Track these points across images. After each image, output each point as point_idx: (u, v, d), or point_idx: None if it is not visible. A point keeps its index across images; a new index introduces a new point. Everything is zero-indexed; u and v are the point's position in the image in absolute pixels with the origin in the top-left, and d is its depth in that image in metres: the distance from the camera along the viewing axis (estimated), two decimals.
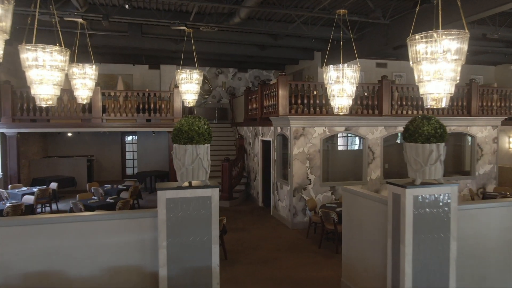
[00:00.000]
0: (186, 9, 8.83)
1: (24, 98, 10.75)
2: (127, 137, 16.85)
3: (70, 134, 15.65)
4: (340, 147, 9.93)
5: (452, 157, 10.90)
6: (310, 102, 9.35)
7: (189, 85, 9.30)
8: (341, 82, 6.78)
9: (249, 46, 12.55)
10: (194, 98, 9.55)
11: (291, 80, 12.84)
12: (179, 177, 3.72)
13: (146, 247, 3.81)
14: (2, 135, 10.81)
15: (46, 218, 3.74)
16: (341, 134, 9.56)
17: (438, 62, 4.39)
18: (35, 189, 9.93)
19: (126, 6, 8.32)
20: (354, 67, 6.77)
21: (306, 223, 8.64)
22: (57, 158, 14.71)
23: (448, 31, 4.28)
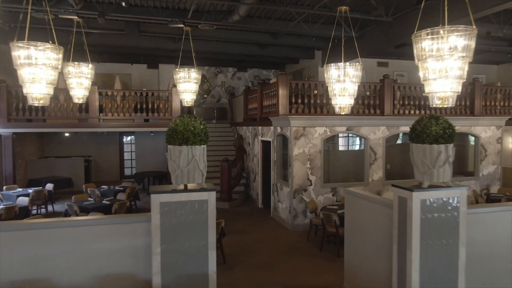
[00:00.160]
0: (184, 6, 8.65)
1: (19, 98, 10.55)
2: (125, 137, 16.67)
3: (67, 134, 15.46)
4: (341, 148, 9.74)
5: (455, 157, 10.65)
6: (311, 101, 9.17)
7: (187, 84, 9.11)
8: (342, 81, 6.60)
9: (248, 45, 12.37)
10: (193, 97, 9.37)
11: (291, 79, 12.64)
12: (174, 179, 3.53)
13: (139, 254, 3.62)
14: None
15: (33, 224, 3.55)
16: (342, 134, 9.38)
17: (445, 60, 4.21)
18: (31, 190, 9.75)
19: (123, 3, 8.13)
20: (356, 66, 6.60)
21: (307, 226, 8.46)
22: (54, 158, 14.53)
23: (455, 27, 4.10)
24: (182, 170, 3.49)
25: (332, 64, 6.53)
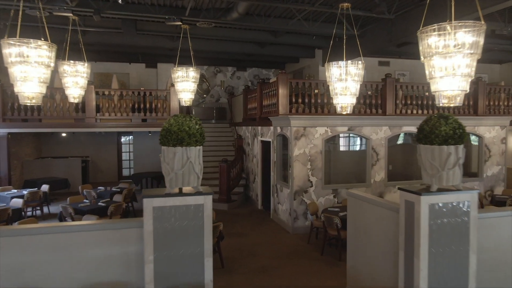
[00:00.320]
0: (182, 4, 8.45)
1: (15, 97, 10.33)
2: (124, 137, 16.47)
3: (64, 135, 15.27)
4: (342, 148, 9.54)
5: None
6: (311, 101, 8.97)
7: (185, 83, 8.93)
8: (344, 80, 6.41)
9: (248, 43, 12.19)
10: (191, 97, 9.18)
11: (291, 78, 12.44)
12: (168, 183, 3.34)
13: (131, 261, 3.42)
14: None
15: (18, 229, 3.35)
16: (343, 134, 9.18)
17: (452, 57, 4.03)
18: (25, 191, 9.55)
19: (119, 0, 7.94)
20: (358, 64, 6.42)
21: (307, 228, 8.26)
22: (51, 159, 14.33)
23: (463, 23, 3.91)
24: (177, 173, 3.29)
25: (333, 62, 6.34)
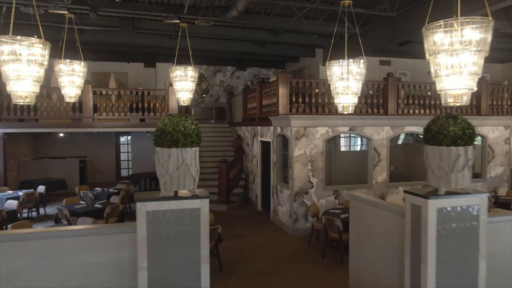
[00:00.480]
0: (180, 2, 8.28)
1: (10, 96, 10.17)
2: (122, 137, 16.30)
3: (61, 135, 15.11)
4: (343, 149, 9.38)
5: None
6: (312, 100, 8.81)
7: (184, 82, 8.77)
8: (346, 79, 6.26)
9: (247, 42, 12.03)
10: (189, 96, 9.03)
11: (292, 77, 12.28)
12: (162, 186, 3.18)
13: (124, 268, 3.26)
14: None
15: (5, 235, 3.19)
16: (345, 134, 9.01)
17: (459, 54, 3.87)
18: (21, 192, 9.39)
19: None
20: (360, 63, 6.26)
21: (308, 230, 8.10)
22: (48, 159, 14.18)
23: (470, 19, 3.75)
24: (172, 176, 3.13)
25: (334, 61, 6.19)
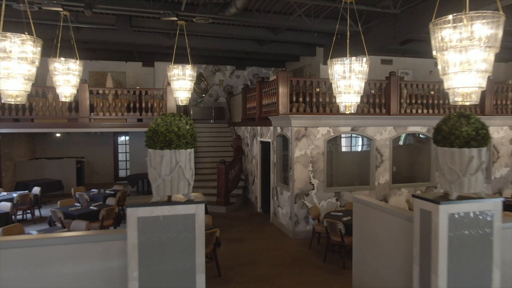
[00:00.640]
0: None
1: None
2: (120, 137, 16.09)
3: (58, 135, 14.90)
4: (345, 149, 9.17)
5: None
6: (313, 100, 8.60)
7: (182, 82, 8.58)
8: (348, 77, 6.05)
9: (247, 41, 11.83)
10: (188, 96, 8.84)
11: (292, 76, 12.09)
12: (155, 190, 2.97)
13: (113, 278, 3.05)
14: None
15: None
16: (346, 135, 8.81)
17: (468, 51, 3.67)
18: (15, 194, 9.19)
19: None
20: (362, 61, 6.06)
21: (309, 233, 7.89)
22: (45, 160, 13.98)
23: (480, 13, 3.56)
24: (164, 179, 2.92)
25: (336, 59, 5.98)
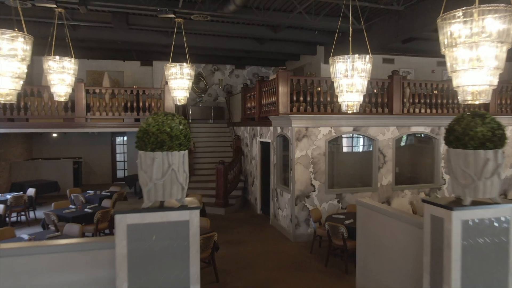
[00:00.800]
0: None
1: None
2: (118, 138, 15.88)
3: (55, 135, 14.69)
4: (347, 150, 8.95)
5: None
6: (314, 99, 8.39)
7: (179, 80, 8.37)
8: (350, 76, 5.84)
9: (246, 39, 11.62)
10: (186, 95, 8.63)
11: (292, 75, 11.86)
12: (146, 195, 2.76)
13: None
14: None
15: None
16: (348, 135, 8.59)
17: (479, 47, 3.47)
18: (9, 196, 8.97)
19: None
20: (365, 59, 5.85)
21: (310, 235, 7.68)
22: (41, 160, 13.76)
23: (493, 7, 3.35)
24: (156, 184, 2.71)
25: (338, 56, 5.77)
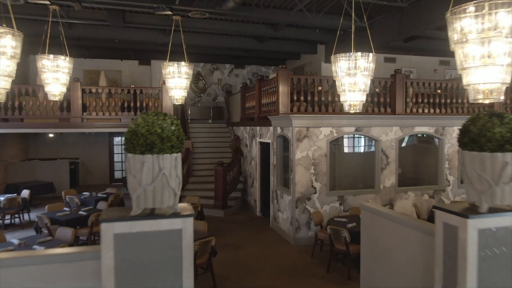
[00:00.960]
0: None
1: None
2: (115, 138, 15.66)
3: (52, 135, 14.47)
4: (349, 151, 8.73)
5: None
6: (315, 99, 8.17)
7: (177, 80, 8.17)
8: (353, 75, 5.64)
9: (246, 38, 11.42)
10: (183, 94, 8.43)
11: (293, 74, 11.64)
12: (135, 202, 2.54)
13: None
14: None
15: None
16: (350, 135, 8.37)
17: (491, 42, 3.27)
18: (3, 197, 8.75)
19: None
20: (369, 57, 5.66)
21: (311, 239, 7.45)
22: (37, 161, 13.54)
23: (506, 0, 3.15)
24: (146, 189, 2.49)
25: (341, 54, 5.57)
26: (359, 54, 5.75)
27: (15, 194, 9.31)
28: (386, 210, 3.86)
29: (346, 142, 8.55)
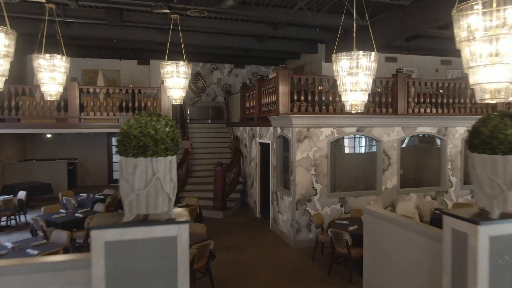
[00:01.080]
0: None
1: None
2: (114, 138, 15.52)
3: (49, 135, 14.33)
4: (350, 151, 8.60)
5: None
6: (315, 98, 8.05)
7: (175, 79, 8.05)
8: (355, 74, 5.52)
9: (245, 37, 11.29)
10: (182, 94, 8.31)
11: (293, 74, 11.51)
12: (127, 208, 2.41)
13: None
14: None
15: None
16: (351, 136, 8.23)
17: (499, 40, 3.15)
18: None
19: None
20: (371, 56, 5.54)
21: (311, 241, 7.32)
22: (35, 161, 13.41)
23: None
24: (139, 194, 2.36)
25: (342, 53, 5.44)
26: (361, 53, 5.63)
27: (12, 196, 9.18)
28: (389, 213, 3.73)
29: (347, 142, 8.41)
